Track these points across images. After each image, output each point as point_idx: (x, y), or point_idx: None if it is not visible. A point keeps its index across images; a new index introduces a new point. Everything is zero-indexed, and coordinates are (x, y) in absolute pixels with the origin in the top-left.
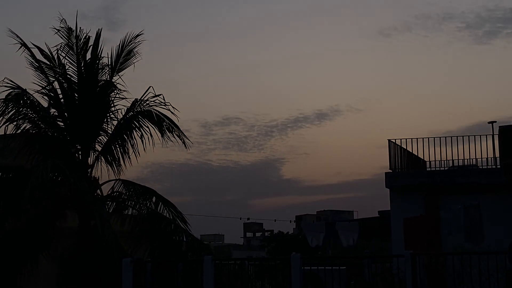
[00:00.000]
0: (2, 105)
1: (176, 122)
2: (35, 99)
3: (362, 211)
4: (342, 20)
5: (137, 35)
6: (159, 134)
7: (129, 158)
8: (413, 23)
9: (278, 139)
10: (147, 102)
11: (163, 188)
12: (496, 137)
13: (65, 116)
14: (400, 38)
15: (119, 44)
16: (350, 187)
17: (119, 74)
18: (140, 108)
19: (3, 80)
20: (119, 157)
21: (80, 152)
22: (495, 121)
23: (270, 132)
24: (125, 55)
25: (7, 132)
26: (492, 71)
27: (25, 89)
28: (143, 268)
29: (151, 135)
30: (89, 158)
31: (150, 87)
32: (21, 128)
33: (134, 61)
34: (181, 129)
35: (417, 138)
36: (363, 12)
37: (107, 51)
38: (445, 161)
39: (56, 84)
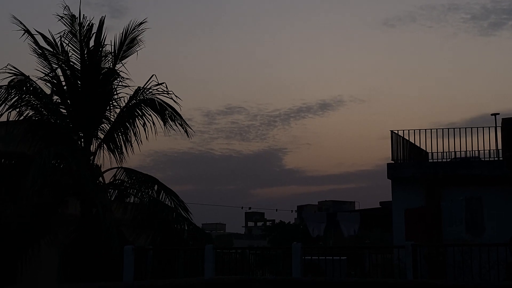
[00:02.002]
0: (5, 92)
1: (178, 110)
2: (38, 86)
3: (363, 201)
4: (347, 10)
5: (141, 23)
6: (162, 123)
7: (132, 146)
8: (418, 14)
9: (281, 129)
10: (150, 90)
11: (165, 177)
12: (499, 129)
13: (68, 103)
14: (404, 29)
15: (123, 32)
16: (352, 178)
17: (122, 62)
18: (143, 96)
19: (6, 67)
20: (121, 145)
21: (82, 140)
22: (498, 113)
23: (273, 122)
24: (128, 43)
25: (10, 119)
26: (496, 62)
27: (28, 76)
28: (144, 255)
29: (153, 124)
30: (92, 146)
31: (153, 75)
32: (24, 115)
33: (137, 49)
34: (183, 117)
35: (419, 130)
36: (367, 2)
37: (110, 38)
38: (448, 152)
39: (59, 71)
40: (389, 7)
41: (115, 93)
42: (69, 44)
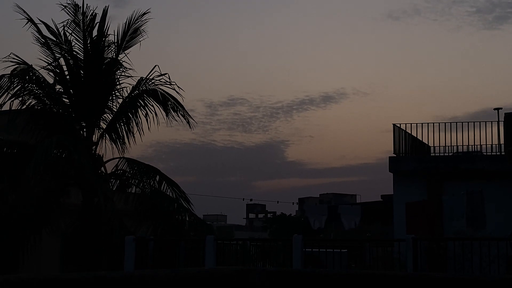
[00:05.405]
0: (8, 81)
1: (181, 101)
2: (41, 75)
3: (365, 195)
4: (351, 2)
5: (144, 13)
6: (164, 113)
7: (134, 136)
8: (423, 7)
9: (283, 121)
10: (153, 81)
11: (167, 167)
12: (501, 124)
13: (71, 93)
14: (409, 22)
15: (126, 22)
16: (353, 171)
17: (125, 52)
18: (146, 87)
19: (9, 55)
20: (123, 135)
21: (84, 129)
22: (501, 108)
23: (275, 113)
24: (131, 33)
25: (12, 108)
26: (500, 56)
27: (31, 65)
28: (145, 245)
29: (155, 114)
30: (94, 136)
31: (155, 65)
32: (26, 104)
33: (140, 40)
34: (186, 108)
35: (422, 123)
36: None
37: (114, 28)
38: (450, 146)
39: (62, 61)
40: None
41: (117, 83)
42: (72, 34)
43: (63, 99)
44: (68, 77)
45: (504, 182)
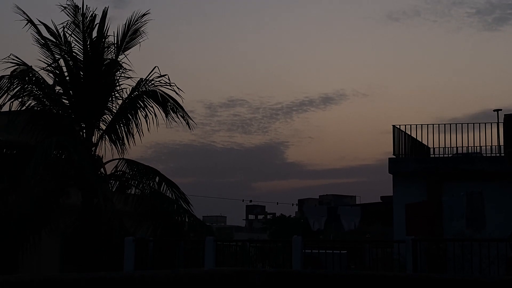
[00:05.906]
0: (7, 82)
1: (180, 102)
2: (41, 76)
3: (364, 196)
4: (351, 3)
5: (144, 15)
6: (164, 115)
7: (133, 137)
8: (423, 8)
9: (283, 122)
10: (152, 82)
11: (166, 169)
12: (501, 125)
13: (70, 94)
14: (408, 23)
15: (125, 23)
16: (353, 172)
17: (124, 53)
18: (145, 88)
19: (8, 56)
20: (123, 136)
21: (84, 130)
22: (501, 109)
23: (275, 115)
24: (131, 34)
25: (12, 109)
26: (500, 58)
27: (31, 66)
28: (145, 246)
29: (155, 115)
30: (93, 137)
31: (155, 67)
32: (26, 105)
33: (140, 41)
34: (185, 109)
35: (421, 124)
36: None
37: (113, 29)
38: (449, 148)
39: (61, 62)
40: (393, 0)
41: (117, 84)
42: (72, 35)
43: (63, 100)
44: (67, 78)
45: (503, 183)
